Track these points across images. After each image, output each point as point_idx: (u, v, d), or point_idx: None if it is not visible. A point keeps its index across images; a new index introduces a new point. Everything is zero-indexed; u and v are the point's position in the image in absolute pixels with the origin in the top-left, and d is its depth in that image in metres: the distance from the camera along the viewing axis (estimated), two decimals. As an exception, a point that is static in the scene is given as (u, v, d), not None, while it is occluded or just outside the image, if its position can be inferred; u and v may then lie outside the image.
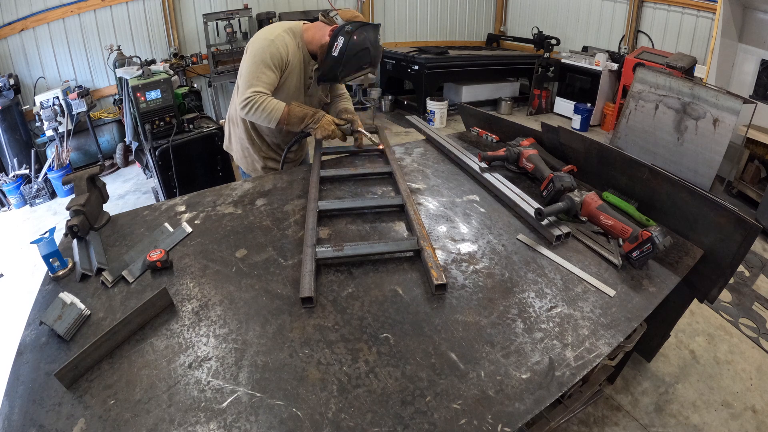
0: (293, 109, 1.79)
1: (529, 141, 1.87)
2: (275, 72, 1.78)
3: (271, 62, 1.76)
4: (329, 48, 1.73)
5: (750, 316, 2.46)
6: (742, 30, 3.92)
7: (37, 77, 4.50)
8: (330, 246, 1.28)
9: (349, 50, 1.71)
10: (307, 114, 1.81)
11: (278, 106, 1.76)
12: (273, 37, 1.77)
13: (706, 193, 1.36)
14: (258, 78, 1.75)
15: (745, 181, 3.76)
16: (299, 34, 1.84)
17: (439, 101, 5.67)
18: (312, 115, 1.82)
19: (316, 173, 1.73)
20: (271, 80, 1.78)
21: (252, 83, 1.75)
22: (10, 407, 0.87)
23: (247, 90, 1.75)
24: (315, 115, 1.82)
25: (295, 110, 1.79)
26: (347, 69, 1.77)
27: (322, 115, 1.84)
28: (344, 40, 1.70)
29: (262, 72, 1.75)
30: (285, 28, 1.82)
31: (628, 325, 1.10)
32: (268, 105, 1.75)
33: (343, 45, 1.70)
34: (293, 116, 1.80)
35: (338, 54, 1.72)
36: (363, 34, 1.72)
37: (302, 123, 1.81)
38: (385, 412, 0.87)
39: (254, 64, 1.75)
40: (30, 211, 3.97)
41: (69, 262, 1.27)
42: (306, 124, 1.82)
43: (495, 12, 7.40)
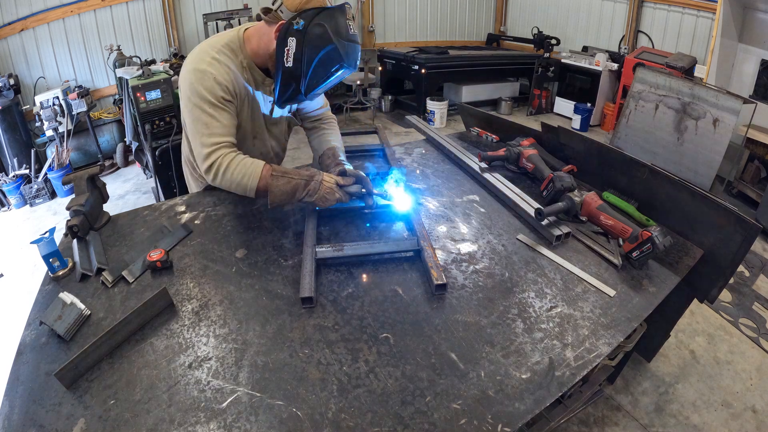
0: (274, 184, 1.30)
1: (529, 141, 1.87)
2: (229, 109, 1.35)
3: (217, 100, 1.31)
4: (278, 57, 1.28)
5: (750, 316, 2.46)
6: (742, 30, 3.92)
7: (37, 77, 4.50)
8: (330, 246, 1.28)
9: (308, 54, 1.24)
10: (299, 185, 1.31)
11: (252, 170, 1.31)
12: (204, 65, 1.31)
13: (706, 193, 1.36)
14: (210, 126, 1.31)
15: (745, 181, 3.76)
16: (240, 49, 1.39)
17: (439, 101, 5.67)
18: (305, 186, 1.32)
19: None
20: (228, 123, 1.35)
21: (204, 140, 1.32)
22: (10, 407, 0.87)
23: (203, 150, 1.32)
24: (309, 184, 1.32)
25: (278, 185, 1.30)
26: (313, 80, 1.28)
27: (319, 182, 1.32)
28: (296, 41, 1.24)
29: (212, 116, 1.31)
30: (219, 46, 1.36)
31: (628, 325, 1.10)
32: (237, 169, 1.31)
33: (297, 49, 1.24)
34: (278, 193, 1.31)
35: (293, 63, 1.26)
36: (322, 26, 1.22)
37: (293, 198, 1.33)
38: (385, 412, 0.87)
39: (195, 109, 1.31)
40: (30, 211, 3.97)
41: (69, 262, 1.27)
42: (300, 199, 1.33)
43: (495, 12, 7.40)
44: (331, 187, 1.33)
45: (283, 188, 1.30)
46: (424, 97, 5.74)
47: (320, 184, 1.32)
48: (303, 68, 1.26)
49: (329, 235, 1.43)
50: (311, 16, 1.23)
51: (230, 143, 1.35)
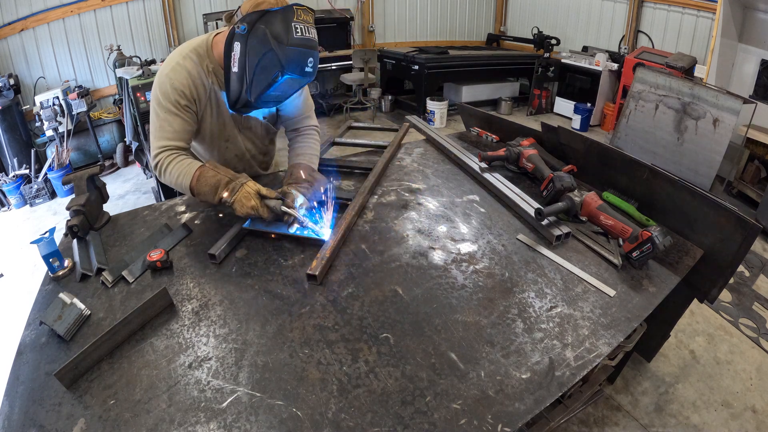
0: (204, 175, 1.30)
1: (529, 141, 1.87)
2: (182, 114, 1.35)
3: (171, 104, 1.33)
4: (225, 62, 1.27)
5: (750, 316, 2.46)
6: (742, 30, 3.92)
7: (37, 77, 4.51)
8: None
9: (249, 60, 1.21)
10: (221, 181, 1.29)
11: (187, 170, 1.32)
12: (167, 71, 1.34)
13: (706, 193, 1.36)
14: (161, 129, 1.35)
15: (745, 181, 3.76)
16: (207, 53, 1.39)
17: (439, 101, 5.67)
18: (226, 184, 1.29)
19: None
20: (178, 128, 1.36)
21: (154, 142, 1.36)
22: (10, 407, 0.87)
23: (152, 151, 1.38)
24: (230, 184, 1.29)
25: (206, 176, 1.30)
26: (255, 87, 1.25)
27: (241, 185, 1.29)
28: (240, 46, 1.22)
29: (164, 120, 1.35)
30: (187, 51, 1.37)
31: (628, 325, 1.10)
32: (174, 168, 1.33)
33: (240, 54, 1.22)
34: (203, 184, 1.30)
35: (238, 69, 1.24)
36: (262, 29, 1.18)
37: (215, 195, 1.30)
38: (385, 412, 0.87)
39: (154, 116, 1.36)
40: (30, 211, 3.97)
41: (69, 262, 1.27)
42: (220, 197, 1.30)
43: (495, 12, 7.40)
44: (249, 193, 1.28)
45: (209, 180, 1.29)
46: (424, 97, 5.74)
47: (241, 186, 1.29)
48: (247, 74, 1.23)
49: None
50: (254, 19, 1.19)
51: (176, 147, 1.36)
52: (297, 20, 1.20)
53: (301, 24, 1.20)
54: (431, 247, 1.37)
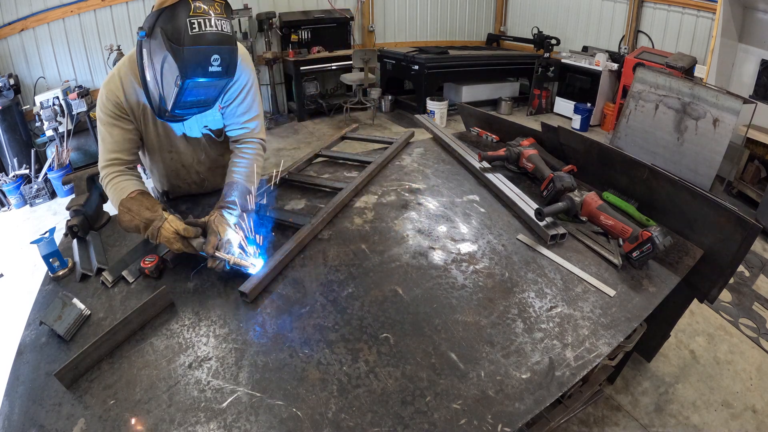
0: (122, 219, 1.23)
1: (529, 141, 1.87)
2: (121, 124, 1.29)
3: (107, 116, 1.27)
4: (140, 72, 1.17)
5: (750, 316, 2.46)
6: (742, 30, 3.92)
7: (37, 77, 4.50)
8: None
9: (154, 67, 1.10)
10: (139, 227, 1.21)
11: (118, 197, 1.25)
12: (105, 82, 1.28)
13: (706, 193, 1.36)
14: (103, 141, 1.29)
15: (745, 181, 3.76)
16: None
17: (439, 101, 5.67)
18: (145, 228, 1.20)
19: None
20: (118, 139, 1.29)
21: (100, 155, 1.31)
22: (10, 407, 0.87)
23: (99, 161, 1.32)
24: (148, 229, 1.20)
25: (123, 220, 1.23)
26: (167, 95, 1.12)
27: (158, 228, 1.19)
28: (146, 53, 1.12)
29: (105, 132, 1.28)
30: (125, 61, 1.28)
31: (628, 325, 1.10)
32: (110, 191, 1.28)
33: (147, 61, 1.12)
34: (126, 226, 1.23)
35: (150, 77, 1.14)
36: (157, 31, 1.04)
37: (139, 233, 1.23)
38: (385, 412, 0.87)
39: (97, 125, 1.30)
40: (30, 211, 3.97)
41: (69, 262, 1.27)
42: (146, 238, 1.23)
43: (495, 12, 7.40)
44: (168, 238, 1.18)
45: (128, 224, 1.23)
46: (424, 97, 5.74)
47: (158, 231, 1.19)
48: (156, 82, 1.12)
49: (329, 235, 1.43)
50: (151, 22, 1.05)
51: (118, 160, 1.30)
52: (194, 14, 1.02)
53: (199, 18, 1.03)
54: (431, 247, 1.37)
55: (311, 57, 5.67)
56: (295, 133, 5.56)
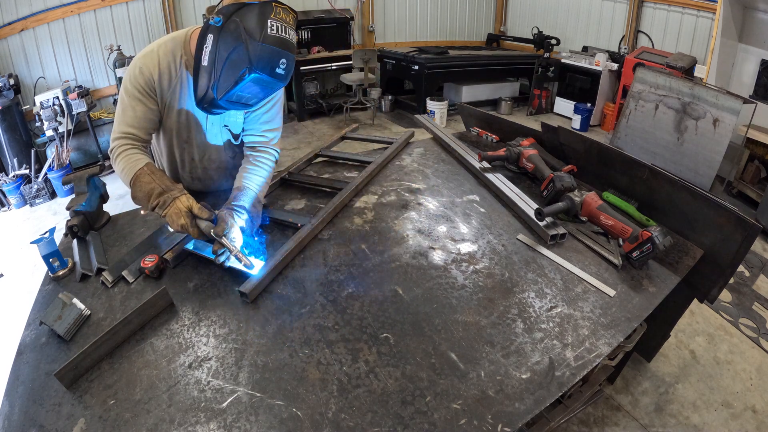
0: (140, 179, 1.23)
1: (529, 141, 1.87)
2: (145, 104, 1.30)
3: (137, 90, 1.27)
4: (197, 55, 1.17)
5: (750, 316, 2.46)
6: (742, 30, 3.92)
7: (37, 77, 4.50)
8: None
9: (220, 53, 1.13)
10: (153, 191, 1.21)
11: (132, 166, 1.25)
12: (141, 54, 1.29)
13: (706, 193, 1.36)
14: (122, 117, 1.30)
15: (745, 181, 3.76)
16: (183, 44, 1.30)
17: (439, 101, 5.67)
18: (159, 195, 1.20)
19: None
20: (139, 116, 1.30)
21: (115, 125, 1.31)
22: (10, 407, 0.87)
23: (112, 135, 1.32)
24: (162, 196, 1.20)
25: (141, 182, 1.22)
26: (222, 83, 1.15)
27: (172, 199, 1.19)
28: (213, 38, 1.14)
29: (127, 110, 1.29)
30: (164, 40, 1.31)
31: (628, 325, 1.10)
32: (122, 161, 1.27)
33: (212, 47, 1.14)
34: (138, 190, 1.23)
35: (208, 62, 1.15)
36: (236, 23, 1.10)
37: (148, 202, 1.22)
38: (385, 412, 0.87)
39: (120, 100, 1.31)
40: (30, 211, 3.97)
41: (69, 262, 1.27)
42: (152, 206, 1.21)
43: (495, 12, 7.40)
44: (180, 210, 1.18)
45: (143, 186, 1.22)
46: (424, 97, 5.74)
47: (173, 200, 1.19)
48: (215, 69, 1.15)
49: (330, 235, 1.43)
50: (231, 11, 1.12)
51: (134, 136, 1.30)
52: (274, 18, 1.11)
53: (278, 22, 1.11)
54: (431, 247, 1.37)
55: (311, 57, 5.67)
56: (295, 133, 5.56)
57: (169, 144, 1.46)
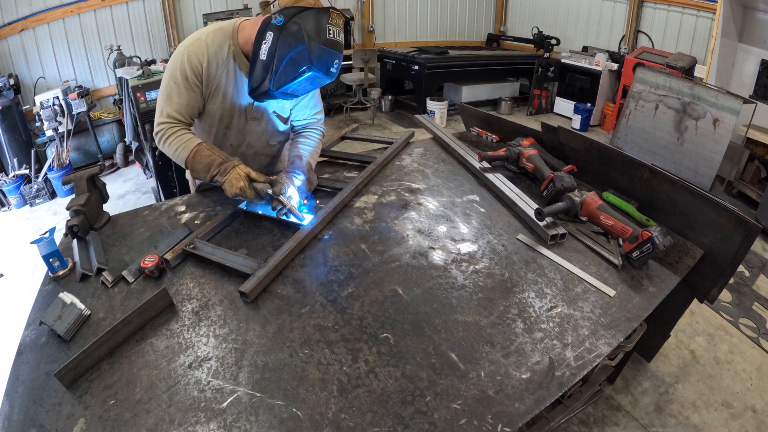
0: (200, 153, 1.39)
1: (529, 141, 1.87)
2: (190, 92, 1.40)
3: (182, 80, 1.37)
4: (255, 49, 1.30)
5: (750, 316, 2.46)
6: (742, 30, 3.92)
7: (37, 77, 4.50)
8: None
9: (280, 51, 1.26)
10: (214, 161, 1.38)
11: (187, 145, 1.40)
12: (189, 42, 1.39)
13: (706, 193, 1.36)
14: (168, 102, 1.40)
15: (745, 181, 3.76)
16: (231, 35, 1.41)
17: (439, 101, 5.67)
18: (219, 164, 1.37)
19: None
20: (184, 103, 1.41)
21: (162, 108, 1.42)
22: (10, 407, 0.87)
23: (158, 118, 1.43)
24: (222, 165, 1.37)
25: (201, 155, 1.39)
26: (281, 78, 1.29)
27: (233, 166, 1.38)
28: (273, 36, 1.26)
29: (173, 94, 1.39)
30: (210, 31, 1.41)
31: (628, 325, 1.10)
32: (175, 141, 1.40)
33: (272, 44, 1.27)
34: (197, 162, 1.39)
35: (266, 57, 1.28)
36: (298, 24, 1.23)
37: (208, 173, 1.38)
38: (385, 412, 0.87)
39: (165, 83, 1.41)
40: (30, 211, 3.97)
41: (69, 262, 1.27)
42: (212, 176, 1.38)
43: (495, 12, 7.40)
44: (239, 175, 1.37)
45: (204, 159, 1.38)
46: (424, 97, 5.74)
47: (233, 168, 1.38)
48: (274, 63, 1.28)
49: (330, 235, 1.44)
50: (292, 13, 1.24)
51: (180, 121, 1.42)
52: (331, 23, 1.26)
53: (333, 27, 1.26)
54: (431, 247, 1.37)
55: (311, 57, 5.66)
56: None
57: (209, 130, 1.55)
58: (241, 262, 1.24)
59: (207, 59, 1.38)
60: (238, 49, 1.42)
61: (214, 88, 1.44)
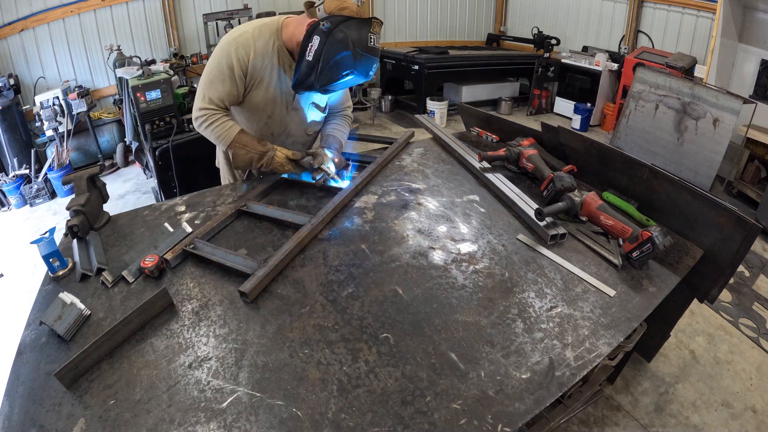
0: (237, 153, 1.55)
1: (529, 141, 1.87)
2: (233, 83, 1.51)
3: (227, 70, 1.49)
4: (302, 49, 1.42)
5: (750, 316, 2.46)
6: (742, 30, 3.92)
7: (37, 77, 4.50)
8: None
9: (326, 54, 1.38)
10: (253, 158, 1.54)
11: (227, 134, 1.54)
12: (236, 36, 1.50)
13: (706, 193, 1.36)
14: (211, 87, 1.51)
15: (745, 181, 3.76)
16: (276, 31, 1.53)
17: (439, 101, 5.67)
18: (260, 158, 1.55)
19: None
20: (226, 93, 1.52)
21: (203, 95, 1.53)
22: (10, 407, 0.87)
23: (197, 101, 1.54)
24: (263, 158, 1.55)
25: (238, 154, 1.55)
26: (325, 77, 1.42)
27: (272, 156, 1.56)
28: (320, 41, 1.38)
29: (216, 81, 1.50)
30: (256, 26, 1.53)
31: (628, 325, 1.10)
32: (217, 128, 1.53)
33: (318, 47, 1.38)
34: (238, 161, 1.56)
35: (312, 58, 1.40)
36: (343, 32, 1.36)
37: (252, 167, 1.57)
38: (385, 412, 0.87)
39: (209, 70, 1.52)
40: (30, 211, 3.97)
41: (69, 262, 1.27)
42: (257, 168, 1.57)
43: (495, 12, 7.40)
44: (282, 162, 1.58)
45: (243, 158, 1.56)
46: (424, 97, 5.74)
47: (272, 159, 1.57)
48: (319, 65, 1.40)
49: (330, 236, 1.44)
50: (338, 21, 1.37)
51: (220, 107, 1.54)
52: (372, 32, 1.39)
53: (374, 35, 1.40)
54: (431, 247, 1.37)
55: (311, 57, 5.66)
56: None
57: (250, 118, 1.66)
58: (241, 262, 1.24)
59: (253, 52, 1.49)
60: (282, 45, 1.54)
61: (258, 79, 1.55)
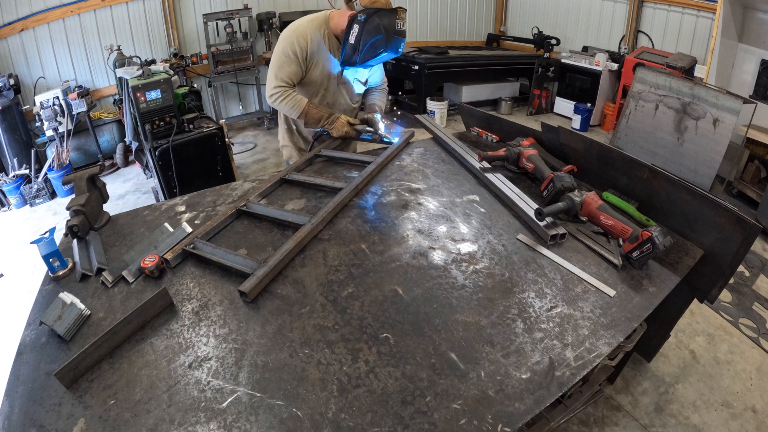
0: (310, 111, 1.98)
1: (529, 141, 1.87)
2: (298, 65, 1.94)
3: (292, 55, 1.91)
4: (345, 35, 1.85)
5: (750, 316, 2.46)
6: (742, 30, 3.92)
7: (37, 77, 4.50)
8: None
9: (364, 38, 1.81)
10: (323, 116, 2.01)
11: (299, 103, 1.97)
12: (294, 28, 1.93)
13: (706, 193, 1.36)
14: (281, 70, 1.94)
15: (745, 181, 3.76)
16: (325, 22, 1.96)
17: (439, 101, 5.67)
18: (327, 118, 2.02)
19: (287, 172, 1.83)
20: (292, 73, 1.95)
21: (275, 76, 1.95)
22: (10, 407, 0.87)
23: (271, 82, 1.96)
24: (330, 117, 2.02)
25: (312, 111, 1.99)
26: (365, 56, 1.85)
27: (337, 117, 2.02)
28: (358, 28, 1.80)
29: (284, 64, 1.93)
30: (309, 19, 1.96)
31: (628, 325, 1.10)
32: (290, 100, 1.96)
33: (357, 32, 1.81)
34: (310, 117, 2.00)
35: (354, 42, 1.83)
36: (376, 21, 1.78)
37: (318, 123, 2.01)
38: (385, 412, 0.87)
39: (277, 56, 1.94)
40: (30, 211, 3.97)
41: (69, 262, 1.27)
42: (323, 125, 2.02)
43: (495, 12, 7.40)
44: (343, 123, 2.03)
45: (315, 115, 2.00)
46: (424, 97, 5.74)
47: (337, 119, 2.03)
48: (360, 46, 1.83)
49: (330, 235, 1.43)
50: (372, 12, 1.78)
51: (289, 84, 1.96)
52: (399, 18, 1.81)
53: (400, 21, 1.82)
54: (431, 247, 1.37)
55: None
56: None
57: (309, 91, 2.06)
58: (241, 262, 1.24)
59: (310, 40, 1.91)
60: (330, 32, 1.96)
61: (315, 61, 1.97)
